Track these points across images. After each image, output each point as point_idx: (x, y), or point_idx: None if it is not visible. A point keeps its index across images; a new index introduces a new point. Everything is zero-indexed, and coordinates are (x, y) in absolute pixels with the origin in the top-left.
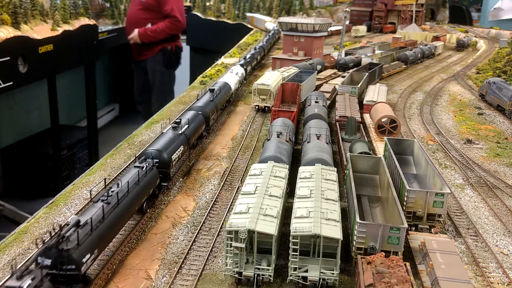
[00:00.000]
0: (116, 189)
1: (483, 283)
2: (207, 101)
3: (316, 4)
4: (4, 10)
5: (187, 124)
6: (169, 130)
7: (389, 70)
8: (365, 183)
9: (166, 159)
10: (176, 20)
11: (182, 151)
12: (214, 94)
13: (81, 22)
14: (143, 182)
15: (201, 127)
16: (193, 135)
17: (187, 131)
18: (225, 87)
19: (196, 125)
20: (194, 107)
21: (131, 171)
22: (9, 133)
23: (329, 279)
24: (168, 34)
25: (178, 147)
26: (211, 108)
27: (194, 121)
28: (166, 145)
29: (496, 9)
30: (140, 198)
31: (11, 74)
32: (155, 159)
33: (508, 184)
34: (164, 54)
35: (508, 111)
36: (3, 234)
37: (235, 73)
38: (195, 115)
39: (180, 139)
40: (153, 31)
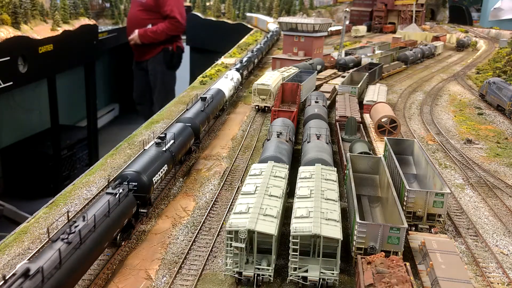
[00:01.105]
0: (81, 224)
1: (483, 283)
2: (197, 112)
3: (316, 4)
4: (4, 10)
5: (172, 139)
6: (152, 146)
7: (389, 70)
8: (365, 183)
9: (146, 182)
10: (176, 21)
11: (165, 171)
12: (205, 103)
13: (81, 22)
14: (115, 213)
15: (190, 141)
16: (180, 151)
17: (172, 147)
18: (218, 94)
19: (184, 140)
20: (183, 119)
21: (101, 200)
22: (9, 133)
23: (329, 279)
24: (168, 35)
25: (161, 167)
26: (202, 119)
27: (182, 135)
28: (147, 165)
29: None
30: (111, 232)
31: (11, 74)
32: (132, 183)
33: (508, 184)
34: (165, 55)
35: (508, 111)
36: (3, 234)
37: (230, 78)
38: (182, 128)
39: (164, 157)
40: (153, 32)
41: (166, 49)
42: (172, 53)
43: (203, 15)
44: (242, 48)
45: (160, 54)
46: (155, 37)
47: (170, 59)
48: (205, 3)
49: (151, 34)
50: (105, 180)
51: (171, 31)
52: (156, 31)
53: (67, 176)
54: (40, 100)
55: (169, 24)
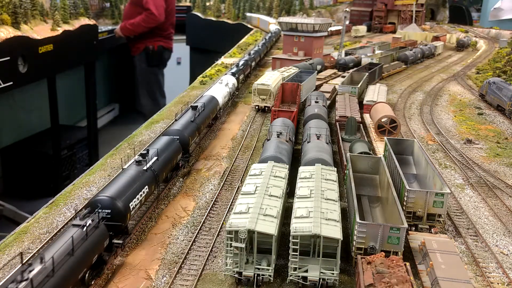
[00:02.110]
0: (38, 268)
1: (483, 283)
2: (186, 122)
3: (316, 4)
4: (4, 10)
5: (155, 155)
6: (132, 166)
7: (389, 70)
8: (365, 183)
9: (121, 209)
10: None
11: (146, 193)
12: (196, 113)
13: (81, 22)
14: (82, 249)
15: (177, 156)
16: (164, 168)
17: (155, 165)
18: (211, 102)
19: (170, 155)
20: (170, 131)
21: (65, 234)
22: (9, 133)
23: (329, 279)
24: (145, 27)
25: (141, 189)
26: (191, 131)
27: (167, 150)
28: (123, 189)
29: (496, 9)
30: (76, 273)
31: (11, 74)
32: (105, 210)
33: (508, 184)
34: (147, 53)
35: (508, 111)
36: (3, 234)
37: (224, 84)
38: (169, 142)
39: (145, 177)
40: (131, 24)
41: (147, 48)
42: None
43: (203, 15)
44: (242, 48)
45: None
46: (132, 28)
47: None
48: (205, 3)
49: (129, 26)
50: (105, 180)
51: (146, 22)
52: (133, 23)
53: (67, 176)
54: (40, 100)
55: (144, 16)
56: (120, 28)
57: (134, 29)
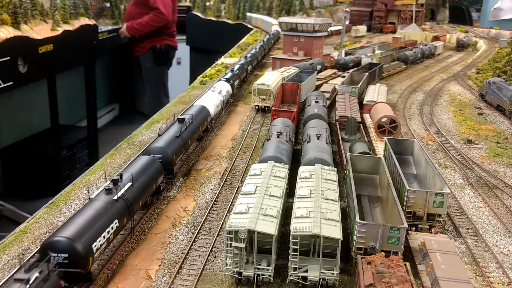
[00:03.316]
0: None
1: (483, 283)
2: (171, 139)
3: (316, 4)
4: (4, 10)
5: (130, 181)
6: (100, 195)
7: (389, 70)
8: (365, 183)
9: (82, 252)
10: (159, 12)
11: (116, 228)
12: (183, 126)
13: (81, 22)
14: None
15: (158, 179)
16: (142, 195)
17: (129, 193)
18: (201, 112)
19: (149, 179)
20: (151, 149)
21: None
22: (9, 133)
23: (329, 279)
24: (153, 27)
25: (109, 224)
26: (177, 148)
27: (146, 173)
28: (85, 226)
29: (496, 9)
30: None
31: (11, 74)
32: (61, 254)
33: (508, 184)
34: (154, 52)
35: (508, 111)
36: (3, 234)
37: (217, 91)
38: (148, 163)
39: (115, 208)
40: (139, 24)
41: (154, 47)
42: (160, 51)
43: (203, 15)
44: (242, 48)
45: (149, 51)
46: (140, 28)
47: (158, 57)
48: (205, 3)
49: (136, 26)
50: (105, 181)
51: (154, 22)
52: (141, 23)
53: (67, 176)
54: (40, 100)
55: (152, 15)
56: (126, 28)
57: (142, 29)
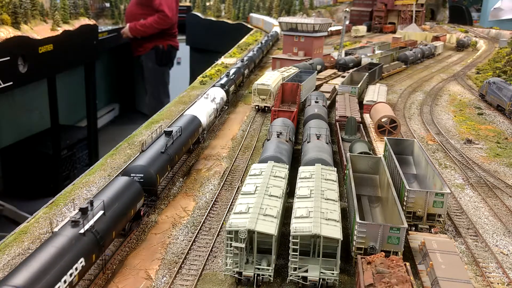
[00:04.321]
0: None
1: (483, 283)
2: (155, 155)
3: (316, 4)
4: (4, 10)
5: (101, 209)
6: (65, 228)
7: (389, 70)
8: (365, 183)
9: None
10: (164, 15)
11: (83, 268)
12: (170, 140)
13: (81, 22)
14: None
15: (136, 204)
16: (116, 224)
17: (100, 223)
18: (191, 123)
19: (125, 204)
20: (132, 168)
21: None
22: (9, 133)
23: (329, 279)
24: (156, 29)
25: (73, 264)
26: (161, 165)
27: (122, 197)
28: (40, 272)
29: (496, 9)
30: None
31: (11, 74)
32: None
33: (508, 184)
34: (157, 52)
35: (508, 111)
36: (3, 234)
37: (211, 98)
38: (125, 185)
39: (81, 245)
40: (142, 25)
41: (157, 47)
42: (163, 51)
43: (203, 15)
44: (242, 48)
45: (152, 51)
46: (144, 30)
47: (161, 57)
48: (205, 3)
49: (140, 27)
50: (105, 181)
51: (159, 24)
52: (145, 24)
53: (67, 176)
54: (40, 100)
55: (157, 17)
56: (129, 29)
57: (146, 30)
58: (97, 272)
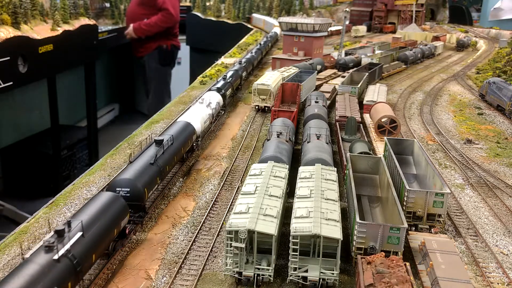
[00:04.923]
0: None
1: (483, 283)
2: (143, 167)
3: (316, 4)
4: (4, 10)
5: (80, 231)
6: (37, 254)
7: (389, 70)
8: (365, 183)
9: None
10: (168, 13)
11: None
12: (160, 150)
13: (81, 22)
14: None
15: (121, 221)
16: (96, 247)
17: (77, 247)
18: (184, 131)
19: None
20: (117, 182)
21: None
22: (9, 133)
23: (329, 279)
24: (161, 27)
25: None
26: (150, 178)
27: (104, 216)
28: None
29: (496, 9)
30: None
31: (11, 74)
32: None
33: (508, 184)
34: (160, 52)
35: (508, 111)
36: (3, 234)
37: (206, 103)
38: (109, 201)
39: (54, 273)
40: (147, 25)
41: (160, 47)
42: (167, 51)
43: (203, 15)
44: (242, 48)
45: (155, 51)
46: (148, 29)
47: (164, 57)
48: (205, 3)
49: (144, 27)
50: (105, 181)
51: (163, 23)
52: (150, 23)
53: (67, 176)
54: (40, 100)
55: (161, 16)
56: (133, 29)
57: (150, 30)
58: (97, 272)
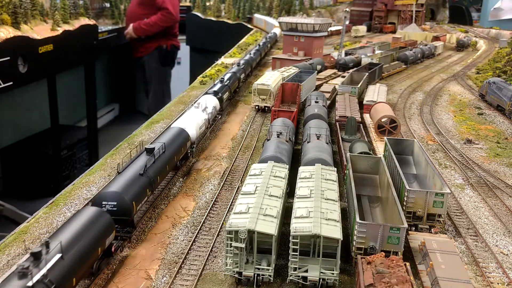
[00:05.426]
0: None
1: (483, 283)
2: (131, 178)
3: (316, 4)
4: (4, 10)
5: (59, 252)
6: (11, 280)
7: (389, 70)
8: (365, 183)
9: None
10: (167, 12)
11: None
12: (150, 159)
13: (81, 22)
14: None
15: (105, 240)
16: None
17: (56, 271)
18: (178, 137)
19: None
20: (103, 195)
21: None
22: (9, 133)
23: (329, 279)
24: (161, 27)
25: None
26: (139, 190)
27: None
28: None
29: (496, 9)
30: None
31: (11, 74)
32: None
33: (508, 184)
34: (160, 52)
35: (508, 111)
36: (3, 234)
37: (202, 108)
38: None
39: None
40: (146, 24)
41: (160, 47)
42: (167, 51)
43: (203, 15)
44: (242, 48)
45: (155, 51)
46: (148, 29)
47: (164, 57)
48: (205, 3)
49: (144, 27)
50: (105, 181)
51: (163, 22)
52: (149, 23)
53: (67, 176)
54: (40, 100)
55: (161, 15)
56: (133, 29)
57: (150, 29)
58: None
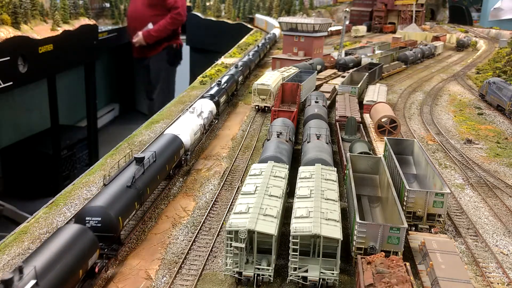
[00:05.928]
0: None
1: (483, 283)
2: (119, 191)
3: (316, 4)
4: (4, 10)
5: (33, 278)
6: None
7: (389, 70)
8: (365, 183)
9: None
10: (177, 13)
11: None
12: (140, 170)
13: (81, 22)
14: None
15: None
16: None
17: None
18: (170, 145)
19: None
20: (87, 210)
21: None
22: (9, 133)
23: (329, 279)
24: (170, 30)
25: None
26: (126, 204)
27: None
28: None
29: (496, 9)
30: None
31: (11, 74)
32: None
33: (508, 184)
34: (169, 52)
35: (508, 111)
36: (3, 234)
37: (197, 113)
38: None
39: None
40: (157, 31)
41: (170, 46)
42: (176, 50)
43: (203, 15)
44: (242, 48)
45: (164, 51)
46: (159, 35)
47: (173, 56)
48: (205, 3)
49: (154, 34)
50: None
51: (172, 25)
52: (159, 29)
53: (67, 176)
54: (40, 100)
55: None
56: (143, 37)
57: (161, 35)
58: None
